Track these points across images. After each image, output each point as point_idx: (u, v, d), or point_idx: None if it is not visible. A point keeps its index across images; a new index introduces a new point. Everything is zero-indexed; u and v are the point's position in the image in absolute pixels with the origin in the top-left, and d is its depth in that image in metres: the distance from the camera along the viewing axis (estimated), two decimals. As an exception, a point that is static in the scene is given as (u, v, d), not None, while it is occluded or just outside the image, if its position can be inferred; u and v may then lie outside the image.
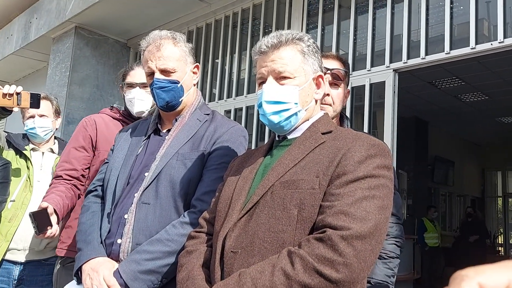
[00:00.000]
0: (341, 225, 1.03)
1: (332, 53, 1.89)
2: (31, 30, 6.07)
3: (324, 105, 1.75)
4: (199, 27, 5.04)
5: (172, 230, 1.48)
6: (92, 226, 1.63)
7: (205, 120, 1.72)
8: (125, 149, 1.75)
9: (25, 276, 2.51)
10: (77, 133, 2.27)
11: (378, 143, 1.19)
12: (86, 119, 2.31)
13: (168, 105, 1.68)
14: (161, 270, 1.44)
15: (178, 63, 1.68)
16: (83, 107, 5.27)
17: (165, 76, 1.66)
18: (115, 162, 1.73)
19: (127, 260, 1.46)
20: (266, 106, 1.27)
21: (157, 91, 1.65)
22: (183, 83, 1.69)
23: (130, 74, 2.23)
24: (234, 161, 1.48)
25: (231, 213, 1.22)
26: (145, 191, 1.56)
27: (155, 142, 1.71)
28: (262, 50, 1.30)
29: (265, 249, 1.11)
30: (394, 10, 3.39)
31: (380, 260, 1.79)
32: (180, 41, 1.71)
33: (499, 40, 2.69)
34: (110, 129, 2.26)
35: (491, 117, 8.46)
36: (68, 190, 2.15)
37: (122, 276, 1.42)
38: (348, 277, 1.00)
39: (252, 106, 4.22)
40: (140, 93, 2.18)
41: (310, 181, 1.14)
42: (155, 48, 1.66)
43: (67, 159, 2.22)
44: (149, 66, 1.66)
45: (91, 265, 1.49)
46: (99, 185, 1.77)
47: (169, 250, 1.45)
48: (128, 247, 1.51)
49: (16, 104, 2.06)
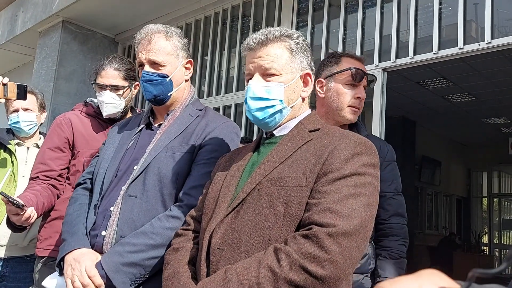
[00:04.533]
0: (327, 222, 1.03)
1: (360, 56, 1.92)
2: (17, 24, 5.98)
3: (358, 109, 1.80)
4: (188, 23, 5.01)
5: (157, 223, 1.47)
6: (78, 218, 1.62)
7: (197, 115, 1.71)
8: (115, 143, 1.75)
9: (7, 273, 2.47)
10: (52, 133, 2.20)
11: (364, 141, 1.19)
12: (60, 118, 2.23)
13: (156, 99, 1.67)
14: (143, 263, 1.42)
15: (168, 57, 1.67)
16: (70, 102, 5.20)
17: (154, 69, 1.65)
18: (105, 155, 1.72)
19: (110, 252, 1.46)
20: (251, 102, 1.28)
21: (145, 84, 1.65)
22: (173, 77, 1.68)
23: (101, 74, 2.14)
24: (221, 159, 1.47)
25: (218, 210, 1.22)
26: (132, 183, 1.56)
27: (146, 136, 1.70)
28: (250, 47, 1.31)
29: (252, 246, 1.11)
30: (383, 10, 3.40)
31: (393, 260, 1.82)
32: (173, 35, 1.70)
33: (487, 41, 2.72)
34: (86, 127, 2.20)
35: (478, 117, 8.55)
36: (44, 189, 2.10)
37: (104, 268, 1.40)
38: (333, 273, 1.00)
39: (241, 104, 4.21)
40: (110, 96, 2.11)
41: (297, 179, 1.14)
42: (146, 41, 1.67)
43: (43, 161, 2.16)
44: (139, 57, 1.67)
45: (74, 255, 1.48)
46: (89, 178, 1.76)
47: (153, 243, 1.43)
48: (112, 239, 1.50)
49: (3, 96, 2.02)
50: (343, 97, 1.79)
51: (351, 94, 1.79)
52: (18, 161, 2.54)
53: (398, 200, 1.92)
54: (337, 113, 1.80)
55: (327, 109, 1.83)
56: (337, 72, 1.82)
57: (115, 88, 2.12)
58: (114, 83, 2.12)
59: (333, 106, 1.80)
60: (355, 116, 1.81)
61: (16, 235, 2.38)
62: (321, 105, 1.87)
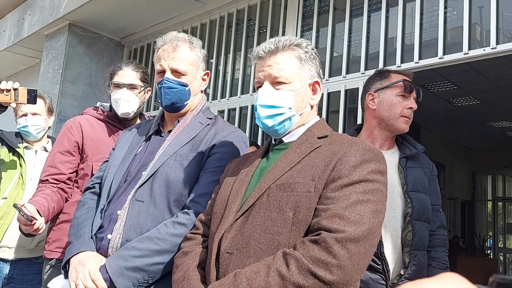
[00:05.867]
0: (335, 228, 1.05)
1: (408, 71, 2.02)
2: (24, 27, 6.02)
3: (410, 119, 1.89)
4: (193, 27, 5.03)
5: (163, 229, 1.47)
6: (85, 221, 1.63)
7: (207, 123, 1.73)
8: (125, 148, 1.76)
9: (15, 275, 2.50)
10: (62, 136, 2.23)
11: (373, 149, 1.21)
12: (71, 122, 2.26)
13: (173, 106, 1.69)
14: (148, 268, 1.42)
15: (191, 67, 1.70)
16: (76, 105, 5.24)
17: (175, 77, 1.67)
18: (114, 160, 1.73)
19: (115, 256, 1.46)
20: (260, 109, 1.30)
21: (165, 91, 1.66)
22: (192, 87, 1.71)
23: (118, 74, 2.21)
24: (230, 164, 1.49)
25: (227, 215, 1.23)
26: (140, 188, 1.57)
27: (155, 142, 1.72)
28: (260, 55, 1.33)
29: (261, 251, 1.13)
30: (388, 14, 3.41)
31: (441, 270, 1.87)
32: (197, 47, 1.74)
33: (492, 46, 2.72)
34: (96, 131, 2.23)
35: (483, 121, 8.53)
36: (54, 193, 2.12)
37: (108, 271, 1.41)
38: (341, 279, 1.01)
39: (245, 107, 4.23)
40: (127, 94, 2.16)
41: (305, 184, 1.15)
42: (171, 48, 1.68)
43: (53, 164, 2.19)
44: (161, 64, 1.68)
45: (78, 258, 1.49)
46: (97, 183, 1.77)
47: (158, 249, 1.43)
48: (117, 243, 1.51)
49: (14, 100, 2.04)
50: (396, 108, 1.89)
51: (404, 105, 1.89)
52: (27, 164, 2.56)
53: (441, 212, 2.02)
54: (390, 123, 1.90)
55: (379, 120, 1.93)
56: (389, 84, 1.92)
57: (132, 87, 2.18)
58: (132, 81, 2.19)
59: (386, 117, 1.90)
60: (407, 126, 1.91)
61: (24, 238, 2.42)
62: (372, 116, 1.95)
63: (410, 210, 1.80)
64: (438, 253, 1.92)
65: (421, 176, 1.92)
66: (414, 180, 1.87)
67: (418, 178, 1.89)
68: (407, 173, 1.87)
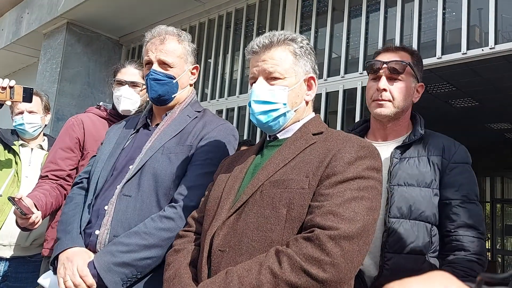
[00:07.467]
0: (329, 225, 1.03)
1: (392, 46, 1.76)
2: (22, 25, 6.01)
3: (382, 101, 1.65)
4: (192, 26, 5.03)
5: (150, 224, 1.46)
6: (73, 217, 1.62)
7: (195, 116, 1.72)
8: (112, 143, 1.76)
9: (10, 273, 2.48)
10: (64, 133, 2.25)
11: (368, 145, 1.20)
12: (73, 119, 2.28)
13: (160, 98, 1.68)
14: (136, 263, 1.41)
15: (178, 59, 1.69)
16: (73, 104, 5.23)
17: (163, 69, 1.67)
18: (102, 155, 1.73)
19: (103, 251, 1.46)
20: (254, 105, 1.28)
21: (151, 83, 1.66)
22: (179, 80, 1.70)
23: (121, 71, 2.24)
24: (224, 161, 1.48)
25: (220, 212, 1.22)
26: (127, 183, 1.56)
27: (143, 136, 1.71)
28: (254, 50, 1.31)
29: (253, 248, 1.11)
30: (387, 15, 3.40)
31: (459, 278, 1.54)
32: (185, 40, 1.73)
33: (490, 46, 2.71)
34: (97, 129, 2.24)
35: (481, 123, 8.53)
36: (53, 189, 2.13)
37: (96, 267, 1.41)
38: (335, 277, 1.00)
39: (244, 107, 4.22)
40: (128, 91, 2.19)
41: (299, 181, 1.14)
42: (158, 40, 1.68)
43: (53, 160, 2.20)
44: (149, 55, 1.67)
45: (67, 254, 1.48)
46: (85, 177, 1.76)
47: (146, 244, 1.43)
48: (105, 239, 1.50)
49: (9, 98, 2.03)
50: (368, 93, 1.74)
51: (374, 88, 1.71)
52: (22, 162, 2.55)
53: (468, 209, 1.61)
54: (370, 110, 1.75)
55: None
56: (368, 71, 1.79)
57: (134, 85, 2.21)
58: (134, 79, 2.21)
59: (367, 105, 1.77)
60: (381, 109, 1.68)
61: (19, 236, 2.41)
62: None
63: (387, 207, 1.57)
64: (456, 258, 1.53)
65: (418, 166, 1.63)
66: (402, 173, 1.61)
67: (409, 169, 1.62)
68: (396, 165, 1.63)
